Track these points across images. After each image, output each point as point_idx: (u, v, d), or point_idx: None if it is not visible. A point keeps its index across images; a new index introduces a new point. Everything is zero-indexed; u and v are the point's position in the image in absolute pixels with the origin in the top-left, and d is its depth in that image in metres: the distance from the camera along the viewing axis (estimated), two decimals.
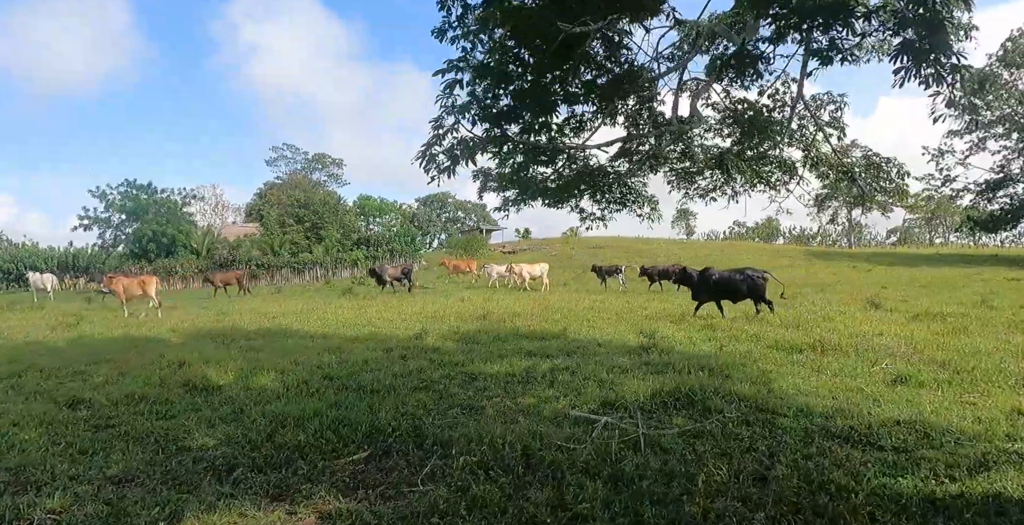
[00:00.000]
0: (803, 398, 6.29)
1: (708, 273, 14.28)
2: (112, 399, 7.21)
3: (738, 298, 14.21)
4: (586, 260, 42.16)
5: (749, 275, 14.05)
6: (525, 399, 6.66)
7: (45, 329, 14.92)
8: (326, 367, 8.64)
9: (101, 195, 41.53)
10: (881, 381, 7.19)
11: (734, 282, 13.90)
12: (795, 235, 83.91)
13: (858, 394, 6.51)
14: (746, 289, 13.85)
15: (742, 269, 14.59)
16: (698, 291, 14.36)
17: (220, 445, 5.50)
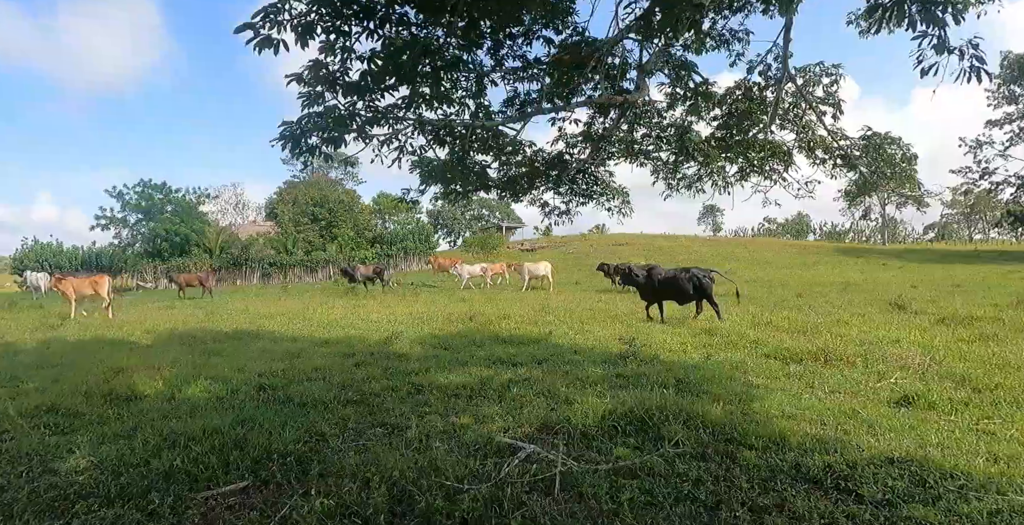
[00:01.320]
0: (783, 423, 5.30)
1: (654, 272, 13.39)
2: (21, 410, 6.56)
3: (685, 299, 13.34)
4: (604, 258, 41.04)
5: (695, 274, 13.16)
6: (461, 417, 5.80)
7: (27, 330, 14.55)
8: (269, 375, 7.93)
9: (118, 195, 41.82)
10: (885, 400, 6.15)
11: (680, 281, 13.02)
12: (826, 231, 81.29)
13: (852, 418, 5.49)
14: (692, 289, 12.98)
15: (687, 268, 13.77)
16: (645, 292, 13.48)
17: (90, 468, 4.79)
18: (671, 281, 13.06)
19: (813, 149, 6.71)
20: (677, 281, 12.99)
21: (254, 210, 65.22)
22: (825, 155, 6.79)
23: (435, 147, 5.45)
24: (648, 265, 14.29)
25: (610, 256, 43.37)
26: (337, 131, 4.13)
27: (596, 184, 6.92)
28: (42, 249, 43.72)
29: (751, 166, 7.43)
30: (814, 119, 6.50)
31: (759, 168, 7.41)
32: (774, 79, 6.85)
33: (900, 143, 6.53)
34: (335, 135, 4.20)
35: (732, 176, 7.95)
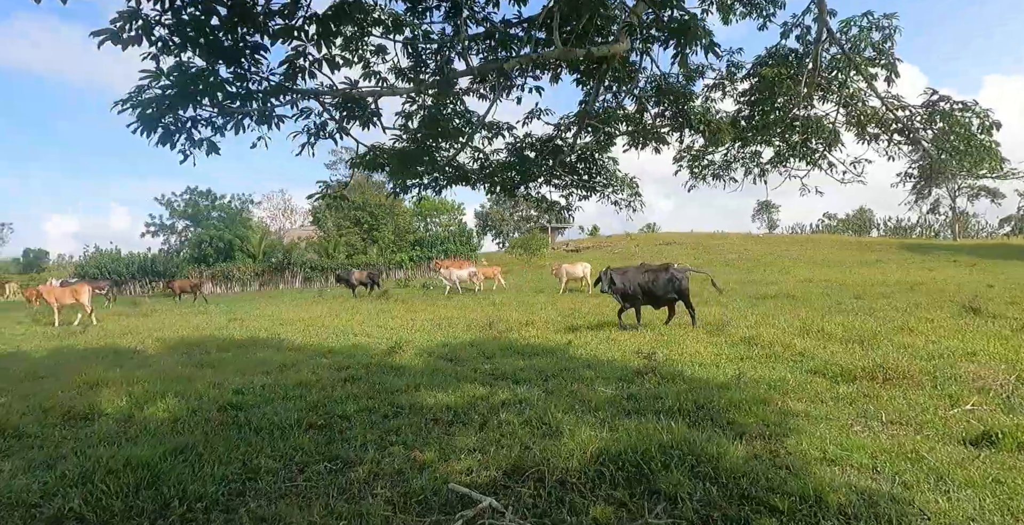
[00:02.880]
0: (823, 471, 4.15)
1: (628, 275, 12.20)
2: None
3: (663, 302, 12.25)
4: (650, 258, 39.44)
5: (674, 274, 12.02)
6: (426, 451, 4.86)
7: (50, 337, 14.46)
8: (244, 392, 7.23)
9: (167, 202, 42.92)
10: (958, 437, 4.88)
11: (658, 283, 11.92)
12: (891, 227, 76.70)
13: (915, 464, 4.28)
14: (673, 290, 11.92)
15: (666, 265, 12.62)
16: (622, 296, 12.18)
17: None
18: (649, 283, 11.98)
19: (863, 123, 5.47)
20: (656, 283, 11.94)
21: (301, 215, 66.16)
22: (879, 129, 5.54)
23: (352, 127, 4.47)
24: (661, 264, 13.07)
25: (657, 256, 41.79)
26: (184, 103, 3.23)
27: (599, 174, 5.87)
28: (102, 256, 45.28)
29: (789, 148, 6.22)
30: (863, 86, 5.27)
31: (799, 150, 6.19)
32: (812, 43, 5.64)
33: (976, 109, 5.17)
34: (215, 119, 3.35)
35: (767, 163, 6.73)
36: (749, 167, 6.98)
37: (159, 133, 3.44)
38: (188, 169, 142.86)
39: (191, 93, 3.18)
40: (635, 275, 12.11)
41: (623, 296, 12.01)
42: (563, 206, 6.23)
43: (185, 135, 3.52)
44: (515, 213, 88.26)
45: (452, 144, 5.23)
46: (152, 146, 3.41)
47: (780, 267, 36.00)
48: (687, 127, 4.91)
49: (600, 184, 5.95)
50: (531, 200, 6.22)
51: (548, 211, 6.33)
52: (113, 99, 3.39)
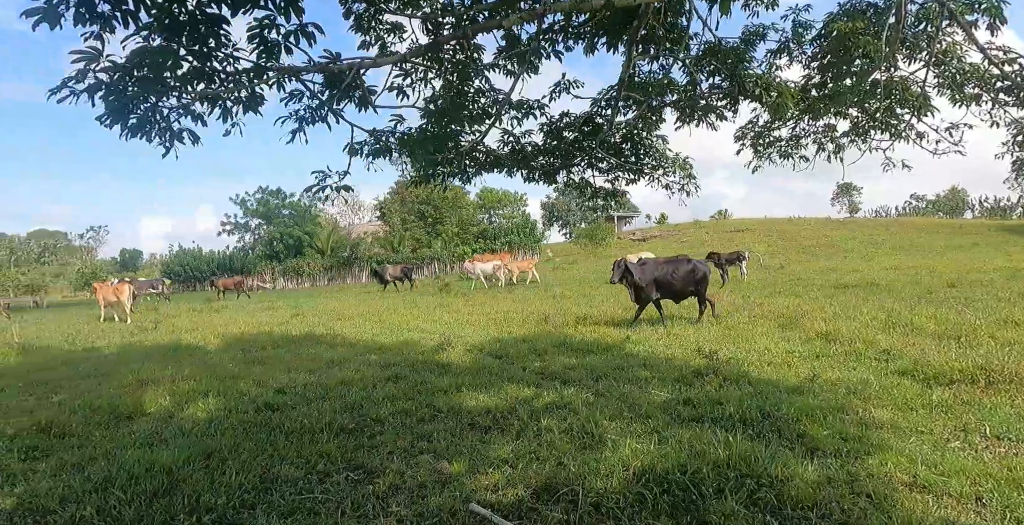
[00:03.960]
0: (913, 502, 3.47)
1: (647, 267, 11.31)
2: (18, 428, 6.14)
3: (684, 296, 11.43)
4: (720, 247, 37.80)
5: (696, 266, 11.21)
6: (455, 462, 4.48)
7: (121, 334, 15.10)
8: (285, 391, 7.10)
9: (240, 202, 44.74)
10: None
11: (678, 275, 11.09)
12: (987, 207, 70.65)
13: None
14: (693, 283, 11.14)
15: (678, 257, 11.97)
16: (639, 289, 11.20)
17: (7, 510, 4.10)
18: (670, 274, 11.17)
19: (960, 84, 4.63)
20: (677, 274, 11.16)
21: (368, 210, 67.72)
22: (980, 90, 4.68)
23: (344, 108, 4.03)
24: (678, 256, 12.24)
25: (727, 244, 40.09)
26: (150, 89, 2.87)
27: (647, 154, 5.27)
28: (184, 255, 47.89)
29: (869, 119, 5.41)
30: (958, 38, 4.43)
31: (880, 120, 5.37)
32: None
33: None
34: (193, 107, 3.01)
35: (842, 136, 5.93)
36: (822, 143, 6.18)
37: (131, 124, 3.17)
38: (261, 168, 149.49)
39: (153, 79, 2.87)
40: (654, 268, 11.32)
41: (640, 290, 11.19)
42: (609, 191, 5.67)
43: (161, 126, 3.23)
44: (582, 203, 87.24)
45: (476, 127, 4.79)
46: (125, 140, 3.15)
47: (863, 253, 33.70)
48: (741, 93, 4.24)
49: (648, 166, 5.35)
50: (573, 186, 5.70)
51: (593, 198, 5.78)
52: None
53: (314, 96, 3.86)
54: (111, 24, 2.75)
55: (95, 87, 2.99)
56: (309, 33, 3.20)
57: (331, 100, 3.72)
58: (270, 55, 3.21)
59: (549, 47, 4.48)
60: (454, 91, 4.47)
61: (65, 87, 3.09)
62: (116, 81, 2.97)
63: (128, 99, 3.04)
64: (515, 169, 5.27)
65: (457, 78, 4.49)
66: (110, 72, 2.97)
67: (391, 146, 4.42)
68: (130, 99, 3.05)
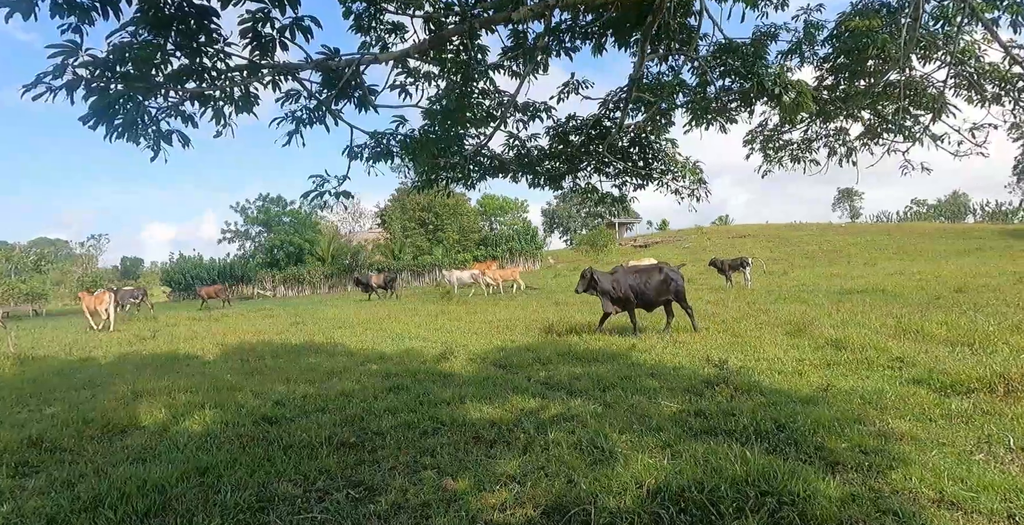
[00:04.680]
0: (943, 521, 3.29)
1: (617, 276, 11.08)
2: (7, 442, 5.96)
3: (656, 305, 11.19)
4: (723, 252, 37.64)
5: (669, 274, 11.00)
6: (460, 479, 4.30)
7: (119, 343, 14.92)
8: (284, 403, 6.91)
9: (241, 209, 44.68)
10: None
11: (651, 284, 10.88)
12: (989, 212, 70.54)
13: None
14: (668, 292, 10.93)
15: (659, 264, 11.73)
16: (610, 299, 10.96)
17: None
18: (643, 283, 10.93)
19: (980, 84, 4.48)
20: (649, 282, 10.93)
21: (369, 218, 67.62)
22: (1000, 89, 4.53)
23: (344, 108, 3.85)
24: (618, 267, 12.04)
25: (730, 250, 39.99)
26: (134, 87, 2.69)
27: (656, 158, 5.12)
28: (185, 262, 47.69)
29: (883, 121, 5.26)
30: (977, 36, 4.29)
31: (895, 123, 5.22)
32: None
33: None
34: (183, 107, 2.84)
35: (855, 139, 5.78)
36: (834, 146, 6.03)
37: (116, 125, 3.00)
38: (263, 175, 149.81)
39: (138, 76, 2.70)
40: (625, 276, 11.08)
41: (612, 300, 10.92)
42: (616, 197, 5.51)
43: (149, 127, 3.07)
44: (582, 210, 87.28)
45: (481, 130, 4.64)
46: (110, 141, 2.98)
47: (866, 258, 33.54)
48: (760, 93, 4.08)
49: (658, 170, 5.20)
50: (579, 192, 5.54)
51: (600, 203, 5.63)
52: None
53: (311, 96, 3.70)
54: (90, 16, 2.59)
55: (74, 83, 2.81)
56: (306, 27, 3.04)
57: (329, 100, 3.55)
58: (264, 51, 3.06)
59: (557, 46, 4.34)
60: (458, 92, 4.32)
61: (40, 83, 2.90)
62: (97, 77, 2.80)
63: (112, 98, 2.87)
64: (520, 174, 5.12)
65: (461, 79, 4.35)
66: (90, 67, 2.80)
67: (392, 149, 4.24)
68: (114, 98, 2.88)
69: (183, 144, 3.30)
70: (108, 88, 2.83)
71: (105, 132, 3.02)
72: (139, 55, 2.69)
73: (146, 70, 2.76)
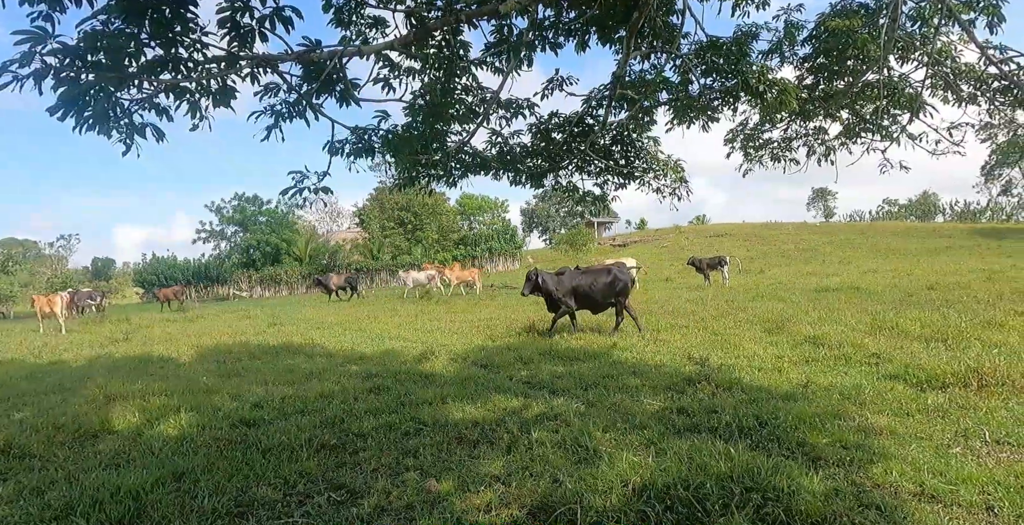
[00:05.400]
0: (925, 514, 3.33)
1: (563, 277, 11.01)
2: None
3: (603, 307, 11.15)
4: (701, 251, 37.98)
5: (617, 276, 10.91)
6: (443, 480, 4.25)
7: (90, 346, 14.56)
8: (263, 405, 6.78)
9: (216, 209, 43.93)
10: None
11: (598, 286, 10.80)
12: (958, 211, 72.30)
13: None
14: (614, 294, 10.83)
15: (607, 266, 11.59)
16: (555, 301, 10.88)
17: None
18: (588, 284, 10.86)
19: (955, 84, 4.55)
20: (596, 283, 10.84)
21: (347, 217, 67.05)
22: (976, 90, 4.61)
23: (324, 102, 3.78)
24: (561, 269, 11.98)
25: (707, 249, 40.44)
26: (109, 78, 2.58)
27: (638, 157, 5.12)
28: (159, 263, 46.78)
29: (861, 121, 5.32)
30: (954, 37, 4.36)
31: (873, 123, 5.29)
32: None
33: None
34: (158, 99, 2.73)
35: (834, 139, 5.84)
36: (813, 146, 6.09)
37: (87, 116, 2.88)
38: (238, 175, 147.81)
39: (111, 66, 2.59)
40: (571, 278, 10.99)
41: (556, 302, 10.84)
42: (597, 196, 5.50)
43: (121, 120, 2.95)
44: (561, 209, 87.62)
45: (463, 127, 4.59)
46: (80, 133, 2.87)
47: (840, 257, 34.11)
48: (743, 90, 4.08)
49: (639, 169, 5.20)
50: (561, 190, 5.52)
51: (581, 202, 5.61)
52: None
53: (292, 89, 3.60)
54: (62, 3, 2.48)
55: (42, 72, 2.68)
56: (286, 18, 2.96)
57: (310, 94, 3.46)
58: (243, 42, 2.96)
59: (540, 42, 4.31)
60: (441, 87, 4.27)
61: (6, 72, 2.78)
62: (67, 66, 2.68)
63: (83, 89, 2.75)
64: (502, 172, 5.08)
65: (444, 74, 4.29)
66: (59, 55, 2.68)
67: (374, 145, 4.16)
68: (85, 89, 2.76)
69: (157, 138, 3.19)
70: (78, 78, 2.72)
71: (75, 124, 2.90)
72: (111, 44, 2.58)
73: (119, 60, 2.66)
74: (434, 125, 4.31)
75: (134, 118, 3.12)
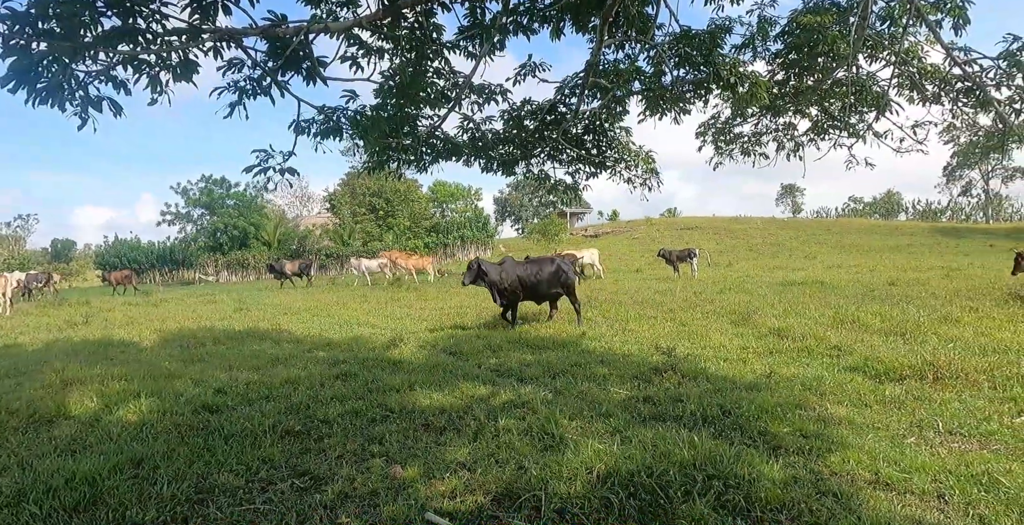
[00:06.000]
0: (879, 502, 3.42)
1: (505, 266, 10.86)
2: None
3: (546, 298, 11.14)
4: (671, 243, 38.40)
5: (560, 266, 10.86)
6: (409, 467, 4.23)
7: (47, 329, 14.12)
8: (225, 391, 6.65)
9: (182, 191, 42.81)
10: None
11: (542, 276, 10.71)
12: (920, 210, 74.42)
13: (990, 492, 3.54)
14: (559, 284, 10.77)
15: (551, 257, 11.71)
16: (498, 292, 10.74)
17: None
18: (535, 275, 10.71)
19: (921, 84, 4.65)
20: (541, 274, 10.73)
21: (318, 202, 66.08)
22: (940, 90, 4.72)
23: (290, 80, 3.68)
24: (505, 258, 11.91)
25: (678, 241, 40.94)
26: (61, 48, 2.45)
27: (610, 146, 5.12)
28: (121, 245, 45.48)
29: (829, 118, 5.40)
30: (921, 38, 4.44)
31: (840, 120, 5.37)
32: None
33: None
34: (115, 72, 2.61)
35: (803, 135, 5.92)
36: (782, 141, 6.17)
37: (40, 88, 2.75)
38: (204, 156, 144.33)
39: (65, 35, 2.46)
40: (514, 267, 10.83)
41: (499, 292, 10.65)
42: (569, 185, 5.49)
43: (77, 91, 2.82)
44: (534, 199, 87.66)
45: (434, 111, 4.53)
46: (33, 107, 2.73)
47: (806, 252, 34.85)
48: (715, 82, 4.10)
49: (611, 159, 5.20)
50: (532, 178, 5.50)
51: (552, 191, 5.60)
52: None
53: (256, 65, 3.49)
54: None
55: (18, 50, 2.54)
56: None
57: (275, 70, 3.36)
58: (205, 14, 2.84)
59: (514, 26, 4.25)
60: (411, 70, 4.19)
61: None
62: (16, 34, 2.53)
63: (35, 59, 2.61)
64: (473, 158, 5.04)
65: (415, 56, 4.21)
66: (8, 22, 2.54)
67: (342, 126, 4.07)
68: (37, 59, 2.61)
69: (115, 112, 3.06)
70: (29, 47, 2.58)
71: (27, 96, 2.75)
72: (65, 11, 2.44)
73: (73, 29, 2.52)
74: (404, 108, 4.23)
75: (90, 91, 2.99)
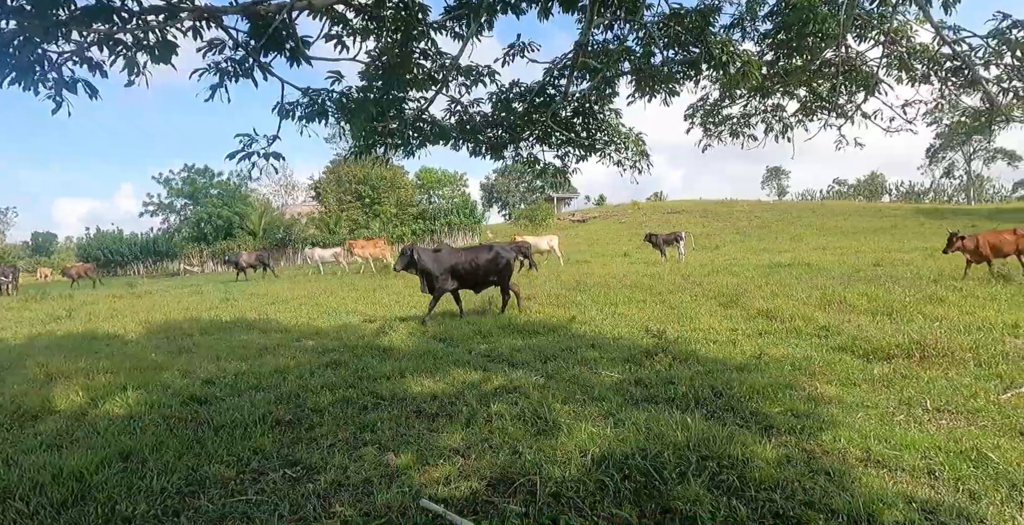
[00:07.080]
0: (871, 478, 3.45)
1: (441, 254, 10.64)
2: None
3: (483, 286, 11.00)
4: (657, 227, 38.48)
5: (499, 253, 10.70)
6: (402, 453, 4.21)
7: (30, 323, 13.90)
8: (214, 382, 6.59)
9: (165, 181, 42.16)
10: (1019, 427, 4.18)
11: (478, 264, 10.53)
12: (903, 192, 75.17)
13: (978, 466, 3.58)
14: (495, 272, 10.62)
15: (489, 244, 11.48)
16: (432, 278, 10.48)
17: None
18: (468, 263, 10.52)
19: (910, 63, 4.63)
20: (476, 262, 10.52)
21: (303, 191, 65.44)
22: (929, 69, 4.70)
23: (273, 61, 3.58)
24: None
25: (664, 225, 41.07)
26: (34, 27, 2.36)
27: (599, 129, 5.07)
28: (103, 237, 44.83)
29: (818, 99, 5.38)
30: (910, 17, 4.41)
31: (828, 102, 5.35)
32: None
33: None
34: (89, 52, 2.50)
35: (791, 116, 5.90)
36: (770, 122, 6.15)
37: (10, 69, 2.63)
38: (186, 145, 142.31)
39: (36, 14, 2.35)
40: (449, 255, 10.59)
41: (433, 279, 10.40)
42: (558, 168, 5.45)
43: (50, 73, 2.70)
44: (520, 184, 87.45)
45: (421, 94, 4.44)
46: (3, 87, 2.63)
47: (792, 234, 35.06)
48: (706, 62, 4.04)
49: (601, 141, 5.15)
50: (521, 162, 5.44)
51: (541, 174, 5.55)
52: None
53: (238, 46, 3.37)
54: None
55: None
56: None
57: (257, 51, 3.24)
58: None
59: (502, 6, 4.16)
60: (398, 50, 4.10)
61: None
62: None
63: (5, 38, 2.49)
64: (461, 141, 4.96)
65: (401, 37, 4.11)
66: None
67: (328, 109, 3.96)
68: (7, 38, 2.50)
69: (90, 94, 2.95)
70: None
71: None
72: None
73: (45, 6, 2.41)
74: (390, 90, 4.14)
75: (63, 72, 2.88)
